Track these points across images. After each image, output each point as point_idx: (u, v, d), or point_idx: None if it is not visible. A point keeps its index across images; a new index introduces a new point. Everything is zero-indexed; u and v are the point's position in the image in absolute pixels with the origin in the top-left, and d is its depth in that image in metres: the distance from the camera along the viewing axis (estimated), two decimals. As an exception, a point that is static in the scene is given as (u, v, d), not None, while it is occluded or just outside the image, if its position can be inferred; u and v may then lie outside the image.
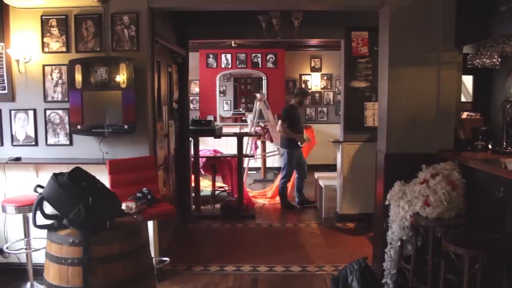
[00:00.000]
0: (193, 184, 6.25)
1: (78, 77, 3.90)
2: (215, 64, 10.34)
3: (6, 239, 4.06)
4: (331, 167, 7.30)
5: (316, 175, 6.82)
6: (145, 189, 3.74)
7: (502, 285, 2.64)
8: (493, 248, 2.60)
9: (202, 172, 6.80)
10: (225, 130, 8.16)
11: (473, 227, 3.16)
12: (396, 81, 3.83)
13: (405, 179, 3.59)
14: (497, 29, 3.28)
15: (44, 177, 3.66)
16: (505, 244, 2.61)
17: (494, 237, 2.71)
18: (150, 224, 3.70)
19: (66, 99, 4.04)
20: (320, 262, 4.48)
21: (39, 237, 3.66)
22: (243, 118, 10.49)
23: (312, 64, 10.68)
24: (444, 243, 2.66)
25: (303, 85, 10.46)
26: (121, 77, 3.89)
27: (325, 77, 10.69)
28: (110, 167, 3.79)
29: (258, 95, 8.48)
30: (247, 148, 8.25)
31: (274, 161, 9.96)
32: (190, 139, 6.13)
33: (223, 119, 10.29)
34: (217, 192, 6.84)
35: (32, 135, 4.11)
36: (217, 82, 10.29)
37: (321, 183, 6.33)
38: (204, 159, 6.69)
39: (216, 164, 6.75)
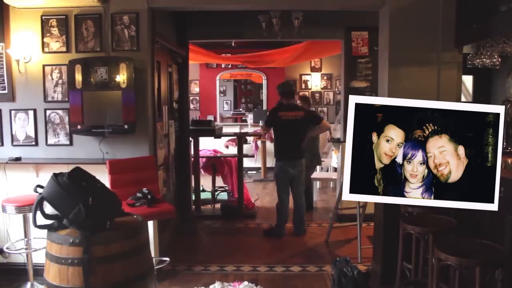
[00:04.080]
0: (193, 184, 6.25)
1: (78, 77, 3.90)
2: (215, 64, 10.32)
3: (6, 239, 4.07)
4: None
5: None
6: (145, 189, 3.74)
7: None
8: (486, 256, 2.50)
9: (202, 172, 6.80)
10: (225, 130, 8.17)
11: (472, 228, 3.15)
12: (396, 81, 3.83)
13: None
14: (497, 29, 3.29)
15: (44, 177, 3.67)
16: (499, 251, 2.55)
17: (488, 244, 2.62)
18: (150, 224, 3.70)
19: (66, 99, 4.04)
20: (320, 262, 4.48)
21: (39, 237, 3.66)
22: (243, 118, 10.49)
23: (312, 64, 10.68)
24: (436, 250, 2.61)
25: (303, 85, 10.46)
26: (121, 77, 3.90)
27: (325, 77, 10.70)
28: (110, 167, 3.79)
29: None
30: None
31: (274, 161, 9.93)
32: (190, 139, 6.13)
33: (223, 119, 10.29)
34: (217, 193, 6.83)
35: (32, 135, 4.11)
36: (217, 82, 10.29)
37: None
38: (204, 159, 6.69)
39: (216, 164, 6.75)
